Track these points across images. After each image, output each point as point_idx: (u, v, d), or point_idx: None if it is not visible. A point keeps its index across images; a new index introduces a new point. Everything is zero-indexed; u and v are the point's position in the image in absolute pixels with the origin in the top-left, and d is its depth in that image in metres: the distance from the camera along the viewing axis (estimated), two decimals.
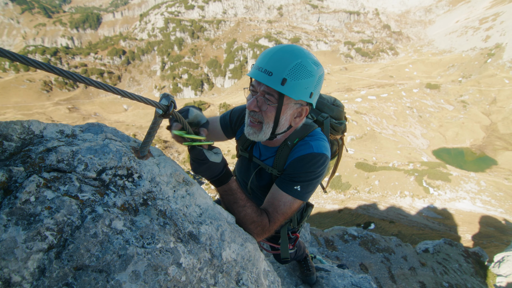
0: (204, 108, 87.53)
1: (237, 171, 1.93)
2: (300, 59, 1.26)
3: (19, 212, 0.71)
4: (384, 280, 10.00)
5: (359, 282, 3.25)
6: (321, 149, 1.44)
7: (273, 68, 1.26)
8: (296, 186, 1.41)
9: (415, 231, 21.01)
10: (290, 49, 1.29)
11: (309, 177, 1.42)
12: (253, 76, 1.32)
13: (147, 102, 0.99)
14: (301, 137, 1.51)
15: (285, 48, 1.30)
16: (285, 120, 1.39)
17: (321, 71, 1.34)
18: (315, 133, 1.53)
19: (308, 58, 1.28)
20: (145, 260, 0.81)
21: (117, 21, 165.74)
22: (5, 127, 0.88)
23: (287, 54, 1.27)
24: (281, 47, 1.31)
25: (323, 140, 1.49)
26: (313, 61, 1.30)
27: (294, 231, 2.09)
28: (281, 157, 1.52)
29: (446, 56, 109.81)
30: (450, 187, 35.10)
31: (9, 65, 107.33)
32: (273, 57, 1.27)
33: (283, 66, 1.24)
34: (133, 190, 0.95)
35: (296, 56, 1.26)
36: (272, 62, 1.27)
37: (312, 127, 1.56)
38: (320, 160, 1.42)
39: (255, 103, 1.36)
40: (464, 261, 11.71)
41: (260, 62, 1.31)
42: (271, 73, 1.26)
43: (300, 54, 1.28)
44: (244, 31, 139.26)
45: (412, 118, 69.10)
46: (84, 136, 0.99)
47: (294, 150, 1.49)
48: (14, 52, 0.66)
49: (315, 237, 11.95)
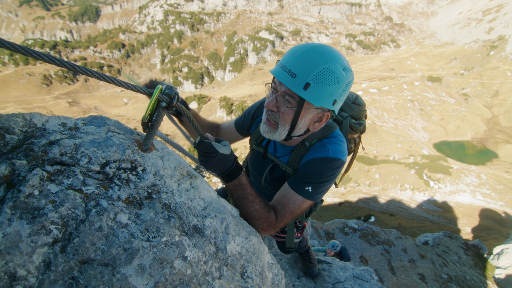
0: (204, 102, 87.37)
1: (250, 165, 1.88)
2: (329, 63, 1.16)
3: (23, 206, 0.70)
4: (384, 272, 10.09)
5: (361, 274, 3.27)
6: (337, 154, 1.39)
7: (298, 70, 1.17)
8: (308, 187, 1.38)
9: (415, 224, 21.14)
10: (320, 50, 1.18)
11: (321, 180, 1.38)
12: (276, 75, 1.24)
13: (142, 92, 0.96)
14: (319, 138, 1.46)
15: (315, 49, 1.18)
16: (303, 124, 1.32)
17: (350, 77, 1.23)
18: (334, 135, 1.48)
19: (338, 62, 1.18)
20: (150, 254, 0.81)
21: (116, 14, 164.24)
22: (6, 120, 0.86)
23: (315, 56, 1.16)
24: (312, 46, 1.19)
25: (341, 144, 1.44)
26: (343, 66, 1.19)
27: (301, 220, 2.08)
28: (297, 157, 1.48)
29: (449, 49, 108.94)
30: (451, 180, 35.22)
31: (9, 59, 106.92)
32: (300, 58, 1.17)
33: (309, 70, 1.15)
34: (137, 183, 0.94)
35: (325, 60, 1.16)
36: (298, 63, 1.17)
37: (331, 128, 1.49)
38: (335, 164, 1.38)
39: (274, 102, 1.29)
40: (464, 254, 11.79)
41: (286, 61, 1.22)
42: (295, 75, 1.17)
43: (330, 57, 1.17)
44: (245, 24, 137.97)
45: (413, 111, 68.93)
46: (87, 129, 0.98)
47: (310, 150, 1.45)
48: (14, 42, 0.64)
49: (316, 230, 12.03)
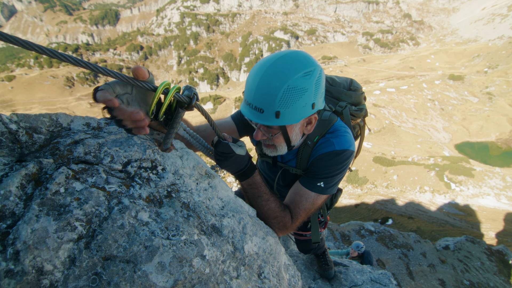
0: (219, 102, 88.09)
1: (261, 171, 1.90)
2: (287, 82, 1.08)
3: (50, 203, 0.72)
4: (401, 277, 9.82)
5: (379, 278, 3.19)
6: (343, 146, 1.37)
7: (262, 104, 1.13)
8: (319, 182, 1.37)
9: (435, 228, 20.46)
10: (273, 70, 1.10)
11: (332, 173, 1.38)
12: (245, 116, 1.23)
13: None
14: (321, 134, 1.44)
15: (268, 71, 1.10)
16: (296, 135, 1.33)
17: (315, 76, 1.14)
18: (335, 128, 1.45)
19: (295, 73, 1.09)
20: (170, 252, 0.82)
21: (134, 17, 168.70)
22: (34, 120, 0.90)
23: (272, 79, 1.09)
24: (264, 70, 1.12)
25: (345, 134, 1.42)
26: (303, 72, 1.10)
27: (323, 215, 2.07)
28: (303, 157, 1.48)
29: (471, 46, 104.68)
30: (473, 183, 33.78)
31: (34, 62, 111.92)
32: (259, 89, 1.12)
33: (271, 99, 1.10)
34: (157, 182, 0.95)
35: (281, 80, 1.08)
36: (259, 96, 1.13)
37: (331, 121, 1.47)
38: (344, 156, 1.36)
39: (260, 134, 1.30)
40: (487, 259, 11.30)
41: (248, 96, 1.18)
42: (262, 109, 1.14)
43: (285, 74, 1.09)
44: (260, 24, 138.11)
45: (433, 111, 66.65)
46: (109, 129, 1.01)
47: (316, 148, 1.44)
48: (42, 45, 0.66)
49: (331, 232, 11.86)
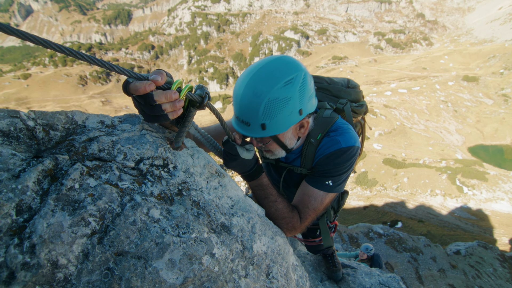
0: (229, 102, 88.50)
1: (267, 173, 1.89)
2: (267, 95, 1.09)
3: (65, 198, 0.74)
4: (410, 281, 9.67)
5: (387, 281, 3.14)
6: (349, 142, 1.36)
7: (247, 117, 1.17)
8: (327, 181, 1.37)
9: (446, 232, 20.04)
10: (253, 84, 1.12)
11: (340, 171, 1.37)
12: (236, 129, 1.27)
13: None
14: (324, 131, 1.43)
15: (249, 85, 1.13)
16: (290, 139, 1.35)
17: (299, 81, 1.13)
18: (338, 126, 1.44)
19: (276, 83, 1.10)
20: (180, 249, 0.83)
21: (146, 17, 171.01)
22: (51, 117, 0.92)
23: (251, 94, 1.11)
24: (245, 84, 1.14)
25: (349, 131, 1.42)
26: (285, 81, 1.10)
27: (332, 220, 2.08)
28: (308, 156, 1.47)
29: (487, 46, 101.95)
30: (487, 187, 32.87)
31: (49, 61, 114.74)
32: (242, 104, 1.16)
33: (255, 113, 1.13)
34: (168, 180, 0.97)
35: (262, 93, 1.10)
36: (243, 111, 1.17)
37: (333, 119, 1.46)
38: (351, 153, 1.36)
39: (255, 142, 1.36)
40: (500, 266, 11.01)
41: (236, 110, 1.22)
42: (248, 123, 1.18)
43: (265, 86, 1.10)
44: (270, 24, 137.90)
45: (446, 112, 65.21)
46: (122, 127, 1.02)
47: (321, 147, 1.42)
48: (59, 44, 0.68)
49: (339, 234, 11.77)
